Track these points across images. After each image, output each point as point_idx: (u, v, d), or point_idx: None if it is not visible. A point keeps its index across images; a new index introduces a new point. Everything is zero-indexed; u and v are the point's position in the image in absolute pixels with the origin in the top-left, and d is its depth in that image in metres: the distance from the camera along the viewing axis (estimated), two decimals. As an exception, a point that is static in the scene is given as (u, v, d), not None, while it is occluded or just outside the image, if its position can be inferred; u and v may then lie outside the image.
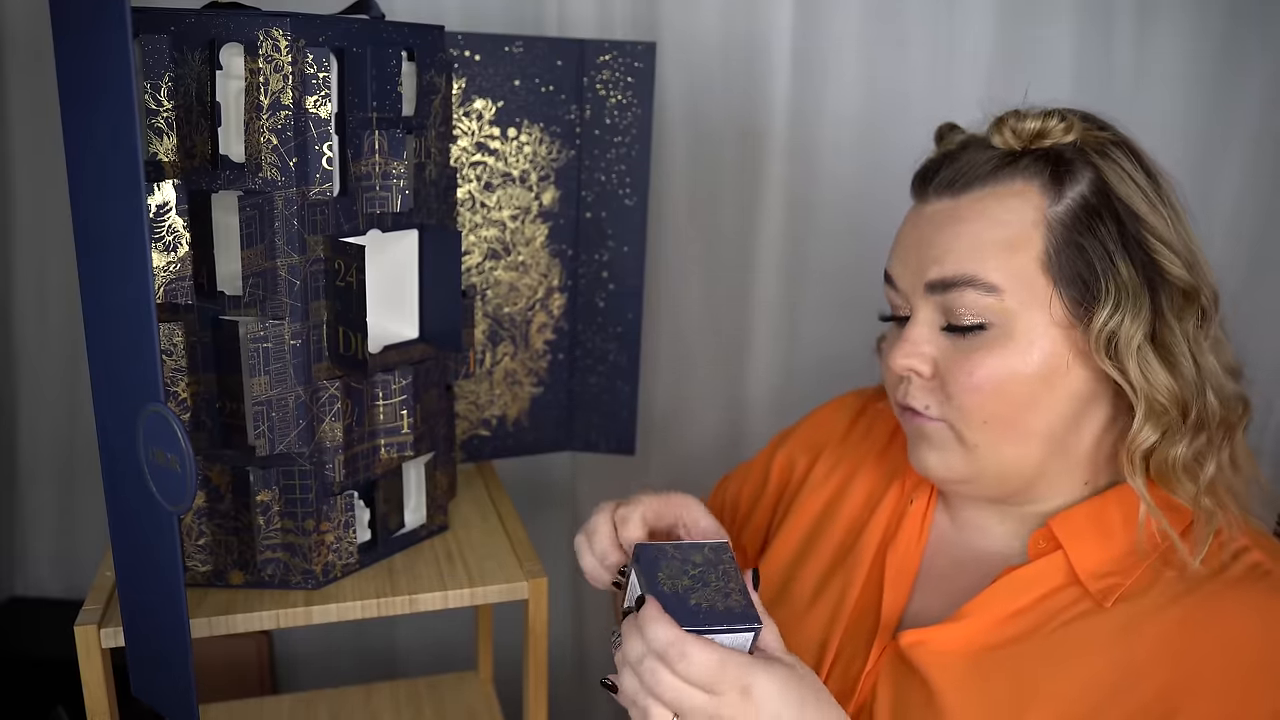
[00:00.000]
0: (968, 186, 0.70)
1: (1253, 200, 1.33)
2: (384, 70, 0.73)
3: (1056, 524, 0.69)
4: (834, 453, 0.88)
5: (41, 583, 1.38)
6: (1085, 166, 0.68)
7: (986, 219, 0.68)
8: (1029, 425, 0.68)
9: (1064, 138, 0.69)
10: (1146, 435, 0.66)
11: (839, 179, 1.30)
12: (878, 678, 0.71)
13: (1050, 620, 0.67)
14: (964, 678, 0.67)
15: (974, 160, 0.70)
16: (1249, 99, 1.30)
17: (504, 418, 1.01)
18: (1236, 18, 1.27)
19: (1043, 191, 0.68)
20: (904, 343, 0.71)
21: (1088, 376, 0.68)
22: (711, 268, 1.32)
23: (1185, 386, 0.66)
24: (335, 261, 0.73)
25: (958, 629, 0.69)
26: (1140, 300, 0.66)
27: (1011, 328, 0.67)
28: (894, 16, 1.25)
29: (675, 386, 1.36)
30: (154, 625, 0.69)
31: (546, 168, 0.97)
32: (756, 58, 1.25)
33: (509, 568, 0.83)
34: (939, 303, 0.69)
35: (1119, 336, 0.65)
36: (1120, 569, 0.67)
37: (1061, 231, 0.67)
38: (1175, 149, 1.32)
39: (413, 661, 1.45)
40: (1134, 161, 0.69)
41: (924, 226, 0.71)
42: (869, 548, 0.78)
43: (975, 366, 0.67)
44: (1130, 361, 0.65)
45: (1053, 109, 0.70)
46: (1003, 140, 0.71)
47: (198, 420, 0.74)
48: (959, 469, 0.71)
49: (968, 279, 0.67)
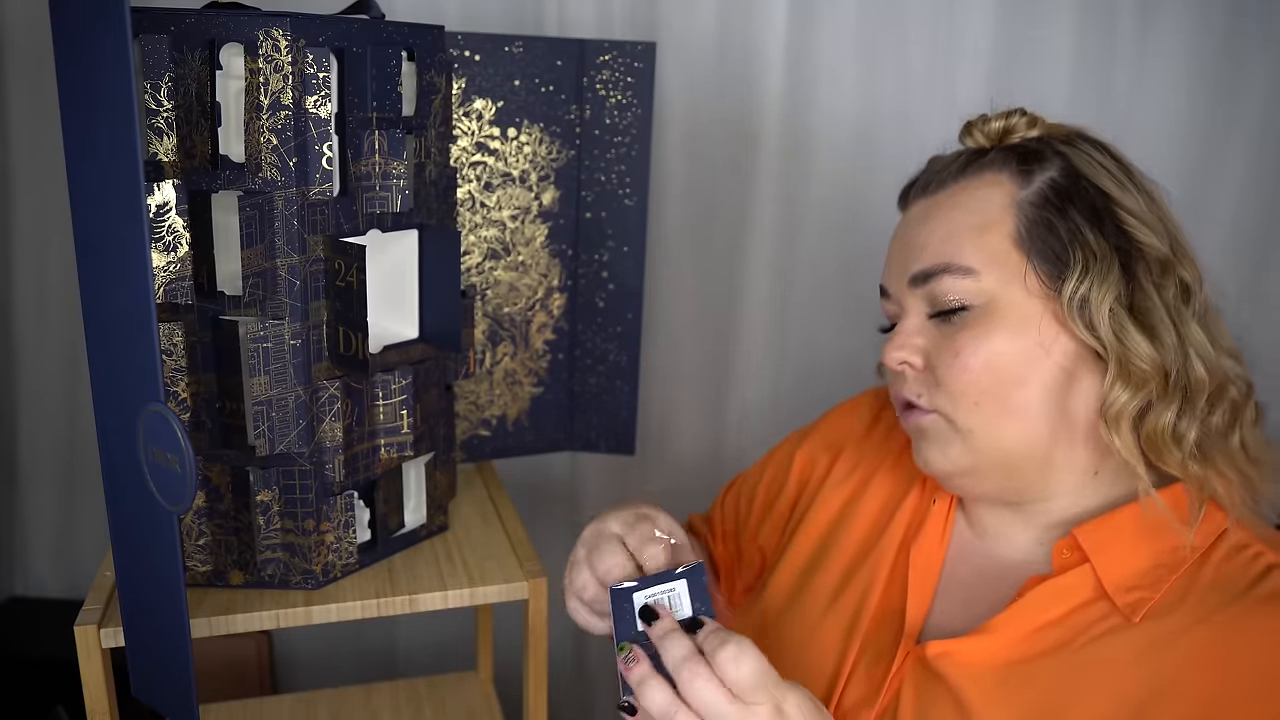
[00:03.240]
0: (942, 185, 0.73)
1: (1256, 198, 1.33)
2: (384, 70, 0.73)
3: (1082, 534, 0.69)
4: (854, 453, 0.88)
5: (41, 583, 1.38)
6: (1053, 155, 0.71)
7: (959, 209, 0.71)
8: (1020, 401, 0.68)
9: (1029, 131, 0.73)
10: (1118, 394, 0.66)
11: (835, 178, 1.30)
12: (901, 683, 0.70)
13: (1079, 635, 0.66)
14: (993, 690, 0.66)
15: (945, 162, 0.75)
16: (1251, 97, 1.30)
17: (504, 418, 1.01)
18: (1238, 15, 1.27)
19: (1012, 179, 0.71)
20: (895, 336, 0.73)
21: (1073, 348, 0.68)
22: (710, 268, 1.32)
23: (1165, 353, 0.66)
24: (335, 261, 0.73)
25: (986, 641, 0.68)
26: (1109, 265, 0.67)
27: (992, 306, 0.69)
28: (891, 16, 1.25)
29: (675, 386, 1.36)
30: (154, 625, 0.69)
31: (546, 168, 0.97)
32: (754, 57, 1.25)
33: (509, 568, 0.83)
34: (924, 294, 0.72)
35: (1090, 301, 0.66)
36: (1148, 583, 0.66)
37: (1031, 211, 0.69)
38: (1177, 148, 1.32)
39: (413, 661, 1.45)
40: (1102, 151, 0.72)
41: (905, 230, 0.75)
42: (890, 548, 0.78)
43: (960, 347, 0.69)
44: (1102, 325, 0.66)
45: (1015, 108, 0.74)
46: (973, 141, 0.75)
47: (198, 420, 0.74)
48: (959, 459, 0.71)
49: (944, 265, 0.70)
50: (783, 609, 0.81)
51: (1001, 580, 0.73)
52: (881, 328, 0.79)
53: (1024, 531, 0.74)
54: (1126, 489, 0.71)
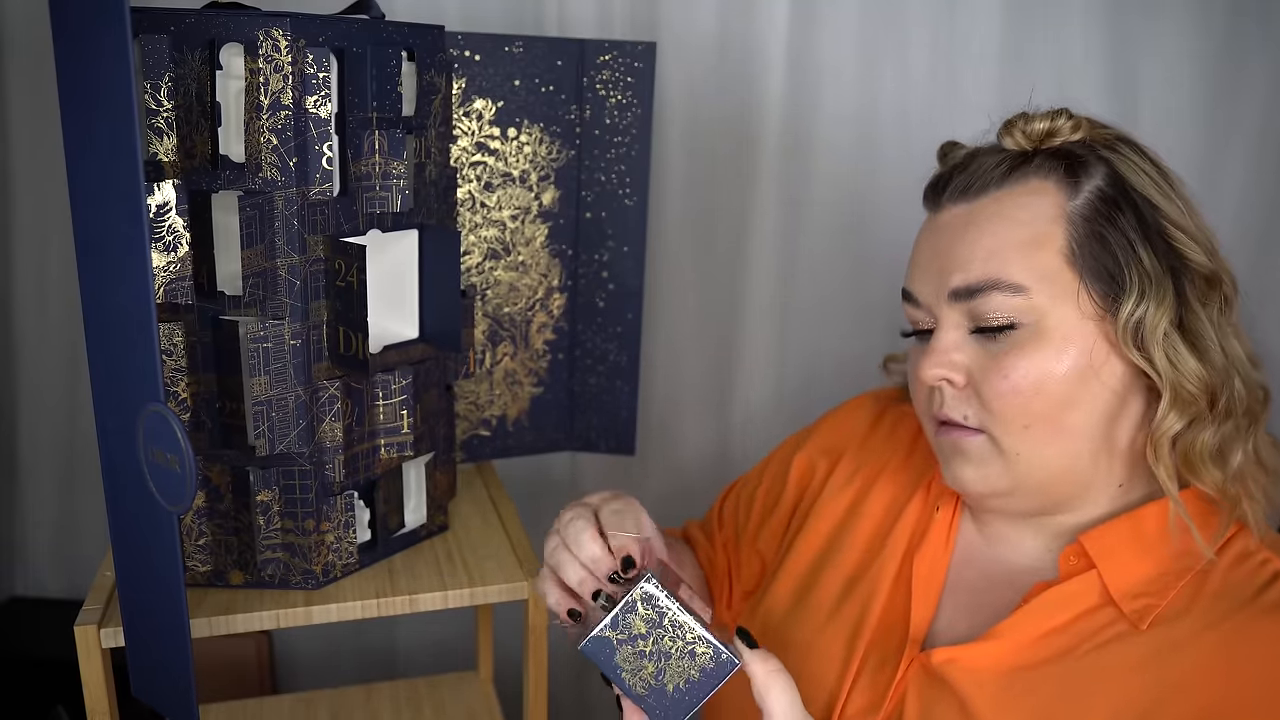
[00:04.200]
0: (983, 190, 0.70)
1: (1258, 198, 1.33)
2: (384, 70, 0.73)
3: (1088, 541, 0.68)
4: (855, 457, 0.86)
5: (41, 583, 1.38)
6: (1097, 161, 0.69)
7: (1005, 219, 0.68)
8: (1070, 425, 0.67)
9: (1073, 135, 0.70)
10: (1171, 422, 0.65)
11: (837, 179, 1.30)
12: (906, 690, 0.70)
13: (1085, 642, 0.66)
14: (998, 696, 0.66)
15: (986, 165, 0.71)
16: (1252, 98, 1.30)
17: (504, 418, 1.01)
18: (1239, 15, 1.27)
19: (1059, 187, 0.68)
20: (933, 352, 0.70)
21: (1123, 370, 0.67)
22: (710, 268, 1.32)
23: (1214, 373, 0.66)
24: (335, 261, 0.73)
25: (991, 648, 0.67)
26: (1164, 287, 0.65)
27: (1042, 325, 0.66)
28: (893, 16, 1.25)
29: (674, 386, 1.36)
30: (154, 625, 0.69)
31: (546, 168, 0.97)
32: (754, 57, 1.25)
33: (509, 568, 0.83)
34: (966, 309, 0.69)
35: (1145, 325, 0.65)
36: (1154, 589, 0.66)
37: (1082, 224, 0.67)
38: (1179, 148, 1.32)
39: (413, 661, 1.45)
40: (1141, 155, 0.70)
41: (942, 235, 0.71)
42: (894, 556, 0.77)
43: (1010, 369, 0.66)
44: (1156, 349, 0.65)
45: (1059, 109, 0.71)
46: (1014, 142, 0.71)
47: (198, 420, 0.74)
48: (998, 482, 0.69)
49: (993, 282, 0.67)
50: (784, 616, 0.80)
51: (1008, 586, 0.72)
52: (904, 333, 0.76)
53: (1033, 538, 0.73)
54: (1138, 495, 0.70)
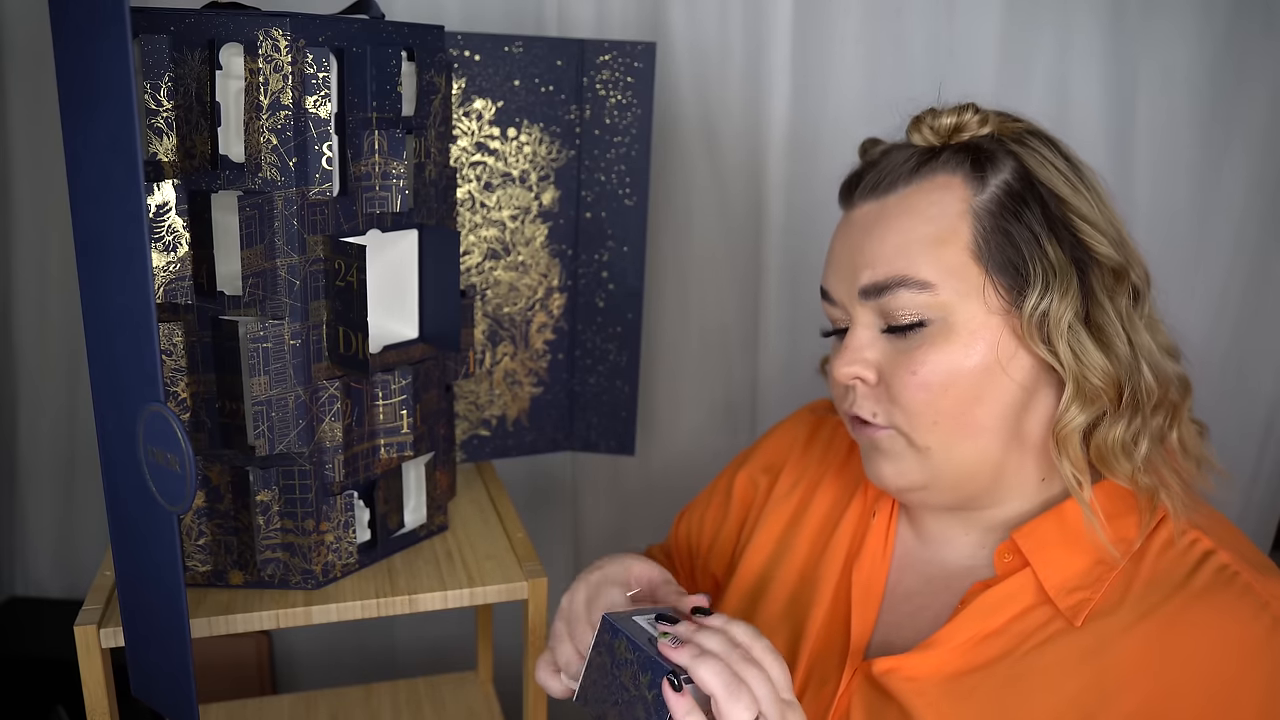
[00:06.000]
0: (892, 187, 0.70)
1: (1258, 198, 1.33)
2: (384, 70, 0.73)
3: (1020, 537, 0.68)
4: (795, 469, 0.87)
5: (41, 583, 1.38)
6: (1005, 155, 0.69)
7: (913, 215, 0.68)
8: (979, 419, 0.67)
9: (980, 130, 0.70)
10: (1073, 415, 0.66)
11: (838, 179, 1.30)
12: (850, 701, 0.70)
13: (1023, 643, 0.66)
14: (939, 703, 0.66)
15: (895, 161, 0.71)
16: (1252, 99, 1.30)
17: (504, 418, 1.01)
18: (1239, 15, 1.27)
19: (966, 182, 0.68)
20: (845, 350, 0.70)
21: (1030, 364, 0.67)
22: (710, 268, 1.32)
23: (1120, 365, 0.66)
24: (335, 261, 0.73)
25: (930, 656, 0.68)
26: (1068, 280, 0.66)
27: (950, 321, 0.67)
28: (895, 16, 1.25)
29: (674, 386, 1.36)
30: (154, 625, 0.69)
31: (546, 168, 0.97)
32: (756, 57, 1.25)
33: (509, 568, 0.83)
34: (875, 307, 0.69)
35: (1050, 318, 0.65)
36: (1089, 582, 0.66)
37: (988, 219, 0.67)
38: (1179, 149, 1.32)
39: (413, 661, 1.45)
40: (1052, 148, 0.70)
41: (853, 233, 0.71)
42: (834, 565, 0.77)
43: (918, 365, 0.67)
44: (1060, 342, 0.65)
45: (967, 103, 0.72)
46: (921, 138, 0.72)
47: (198, 420, 0.74)
48: (914, 476, 0.70)
49: (899, 279, 0.67)
50: None
51: (946, 588, 0.72)
52: (824, 331, 0.76)
53: (966, 535, 0.73)
54: (1061, 489, 0.71)
